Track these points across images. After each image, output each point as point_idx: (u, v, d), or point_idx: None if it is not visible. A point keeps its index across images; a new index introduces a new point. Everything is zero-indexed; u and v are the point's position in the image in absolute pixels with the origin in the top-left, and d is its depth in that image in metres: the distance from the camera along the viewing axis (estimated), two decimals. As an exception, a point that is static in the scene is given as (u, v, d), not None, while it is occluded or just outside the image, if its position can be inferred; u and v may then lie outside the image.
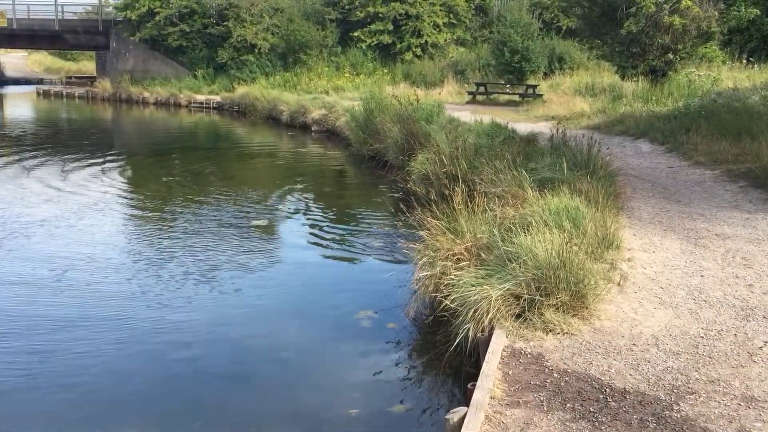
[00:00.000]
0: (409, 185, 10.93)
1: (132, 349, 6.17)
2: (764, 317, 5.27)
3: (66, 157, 17.08)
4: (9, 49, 50.92)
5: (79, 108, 34.10)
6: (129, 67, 36.33)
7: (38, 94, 39.90)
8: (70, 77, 47.07)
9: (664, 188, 9.58)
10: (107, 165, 15.96)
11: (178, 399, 5.49)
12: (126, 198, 12.55)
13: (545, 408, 4.10)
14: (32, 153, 17.75)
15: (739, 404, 4.07)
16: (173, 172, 15.88)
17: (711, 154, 11.14)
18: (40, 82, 46.99)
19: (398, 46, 32.51)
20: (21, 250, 8.93)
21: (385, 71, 31.26)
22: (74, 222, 10.36)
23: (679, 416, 3.95)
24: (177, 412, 5.27)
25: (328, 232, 10.13)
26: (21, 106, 35.20)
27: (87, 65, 51.65)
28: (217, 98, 31.30)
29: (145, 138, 23.61)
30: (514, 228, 6.33)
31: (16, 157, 17.01)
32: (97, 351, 6.08)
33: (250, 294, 7.55)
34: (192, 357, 6.09)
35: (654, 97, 17.31)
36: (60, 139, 22.05)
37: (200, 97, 31.99)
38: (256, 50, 32.42)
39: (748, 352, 4.71)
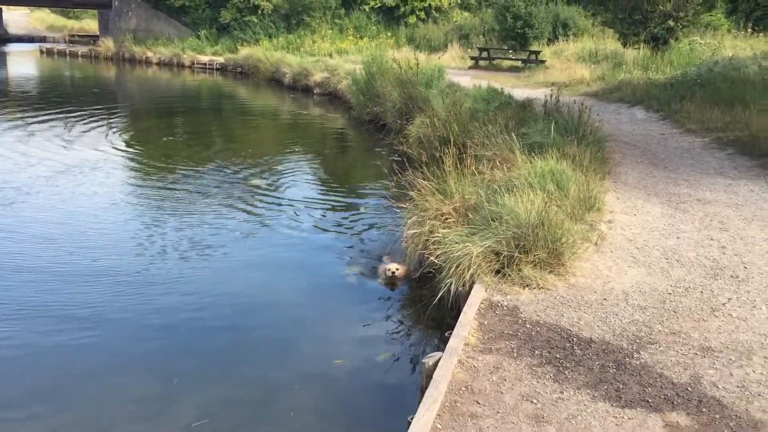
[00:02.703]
0: (404, 148, 11.14)
1: (131, 304, 6.42)
2: (732, 276, 5.55)
3: (69, 116, 17.28)
4: (11, 6, 50.65)
5: (83, 67, 34.13)
6: (132, 26, 36.28)
7: (41, 52, 39.89)
8: (73, 36, 46.97)
9: (653, 155, 9.79)
10: (110, 125, 16.18)
11: (175, 350, 5.75)
12: (128, 157, 12.79)
13: (515, 354, 4.41)
14: (35, 112, 17.95)
15: (696, 354, 4.36)
16: (176, 132, 16.09)
17: (703, 122, 11.32)
18: (43, 40, 46.88)
19: (402, 9, 32.37)
20: (22, 208, 9.19)
21: (389, 35, 31.20)
22: (76, 181, 10.62)
23: (638, 363, 4.26)
24: (172, 362, 5.56)
25: (324, 193, 10.41)
26: (24, 65, 35.24)
27: (89, 23, 51.48)
28: (221, 59, 31.31)
29: (148, 98, 23.76)
30: (499, 189, 6.59)
31: (19, 116, 17.21)
32: (100, 306, 6.36)
33: (245, 251, 7.83)
34: (187, 311, 6.33)
35: (654, 65, 17.37)
36: (64, 99, 22.18)
37: (203, 58, 32.00)
38: (260, 11, 32.31)
39: (711, 308, 5.00)
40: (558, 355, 4.37)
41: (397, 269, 6.66)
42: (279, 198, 10.08)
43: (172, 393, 5.05)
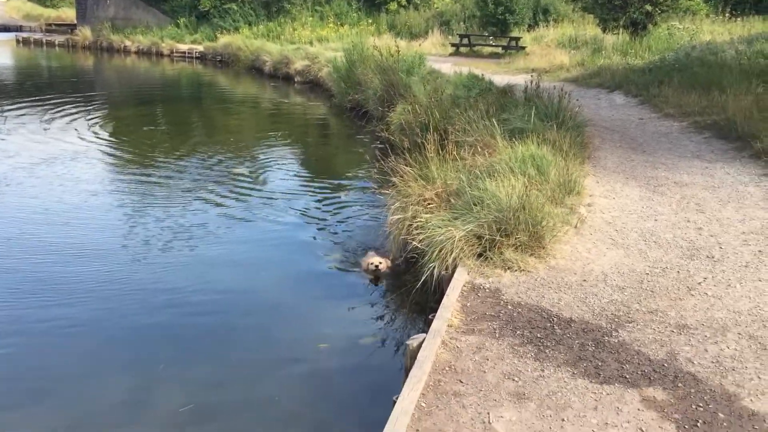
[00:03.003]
0: (386, 135, 11.18)
1: (114, 295, 6.42)
2: (707, 257, 5.68)
3: (47, 106, 17.08)
4: (-14, -5, 49.77)
5: (60, 57, 33.66)
6: (110, 15, 35.82)
7: (18, 41, 39.26)
8: (50, 25, 46.24)
9: (632, 139, 9.92)
10: (88, 114, 16.02)
11: (160, 338, 5.77)
12: (107, 147, 12.70)
13: (497, 335, 4.50)
14: (12, 102, 17.72)
15: (672, 331, 4.49)
16: (156, 121, 15.99)
17: (680, 106, 11.47)
18: (19, 29, 46.12)
19: (383, -5, 32.25)
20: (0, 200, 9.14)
21: (370, 22, 31.07)
22: (55, 172, 10.55)
23: (616, 341, 4.37)
24: (158, 349, 5.60)
25: (306, 181, 10.43)
26: (0, 55, 34.66)
27: (67, 12, 50.64)
28: (200, 48, 31.03)
29: (127, 88, 23.53)
30: (481, 174, 6.66)
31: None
32: (79, 299, 6.35)
33: (228, 241, 7.85)
34: (172, 301, 6.35)
35: (632, 51, 17.52)
36: (41, 88, 21.91)
37: (183, 47, 31.69)
38: (239, -1, 32.03)
39: (687, 287, 5.13)
40: (539, 335, 4.47)
41: (380, 263, 6.69)
42: (261, 187, 10.09)
43: (159, 380, 5.09)
